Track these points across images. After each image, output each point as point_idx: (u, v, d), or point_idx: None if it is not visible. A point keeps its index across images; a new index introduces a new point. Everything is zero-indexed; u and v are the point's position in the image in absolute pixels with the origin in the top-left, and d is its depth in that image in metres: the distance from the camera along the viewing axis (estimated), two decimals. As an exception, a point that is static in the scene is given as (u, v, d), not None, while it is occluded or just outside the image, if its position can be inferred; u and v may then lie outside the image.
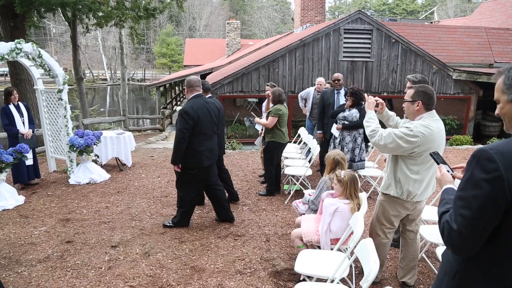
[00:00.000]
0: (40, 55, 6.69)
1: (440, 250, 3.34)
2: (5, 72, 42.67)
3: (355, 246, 2.97)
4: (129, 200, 6.10)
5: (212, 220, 5.29)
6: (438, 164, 2.05)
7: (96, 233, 4.89)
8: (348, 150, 5.92)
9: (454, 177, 1.94)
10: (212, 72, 17.59)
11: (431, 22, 20.46)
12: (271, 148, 6.12)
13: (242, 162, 8.58)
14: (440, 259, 3.23)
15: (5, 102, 6.48)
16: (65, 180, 7.12)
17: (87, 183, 6.95)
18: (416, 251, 3.63)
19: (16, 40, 6.33)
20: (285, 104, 6.15)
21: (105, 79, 50.64)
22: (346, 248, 3.69)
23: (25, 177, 6.66)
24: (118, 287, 3.67)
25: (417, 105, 3.16)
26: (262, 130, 6.57)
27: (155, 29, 60.74)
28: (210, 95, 5.64)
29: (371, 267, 2.50)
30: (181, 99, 27.05)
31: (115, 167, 8.03)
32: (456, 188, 1.71)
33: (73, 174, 7.14)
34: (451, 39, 13.95)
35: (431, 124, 3.12)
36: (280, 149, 6.20)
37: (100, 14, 11.73)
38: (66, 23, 21.78)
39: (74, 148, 7.01)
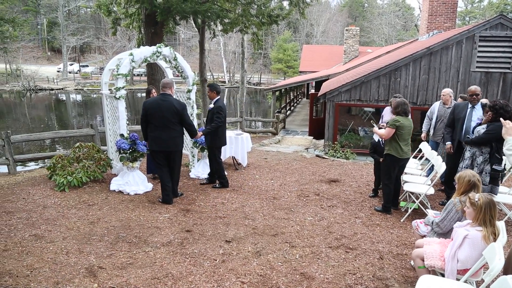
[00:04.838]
0: (175, 58, 7.37)
1: None
2: (140, 73, 48.38)
3: (492, 282, 2.62)
4: (243, 198, 6.35)
5: (323, 228, 5.21)
6: None
7: (212, 226, 5.19)
8: (466, 167, 5.20)
9: None
10: (328, 79, 17.44)
11: None
12: (388, 162, 5.82)
13: (356, 173, 8.30)
14: None
15: (146, 99, 7.28)
16: (186, 173, 7.71)
17: (205, 178, 7.43)
18: None
19: (157, 45, 7.08)
20: (409, 117, 5.82)
21: (224, 82, 53.84)
22: (479, 282, 3.30)
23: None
24: (230, 281, 3.82)
25: None
26: (378, 140, 6.34)
27: (273, 35, 62.69)
28: (219, 97, 6.78)
29: (515, 309, 2.18)
30: (295, 104, 27.35)
31: (231, 165, 8.45)
32: None
33: (194, 169, 7.72)
34: None
35: None
36: (397, 164, 5.80)
37: (227, 20, 12.54)
38: (195, 29, 23.82)
39: (197, 145, 7.56)
